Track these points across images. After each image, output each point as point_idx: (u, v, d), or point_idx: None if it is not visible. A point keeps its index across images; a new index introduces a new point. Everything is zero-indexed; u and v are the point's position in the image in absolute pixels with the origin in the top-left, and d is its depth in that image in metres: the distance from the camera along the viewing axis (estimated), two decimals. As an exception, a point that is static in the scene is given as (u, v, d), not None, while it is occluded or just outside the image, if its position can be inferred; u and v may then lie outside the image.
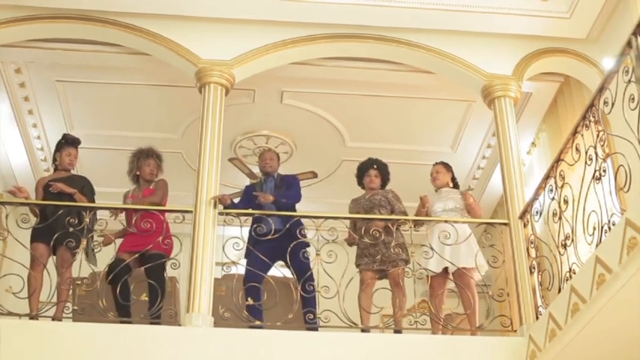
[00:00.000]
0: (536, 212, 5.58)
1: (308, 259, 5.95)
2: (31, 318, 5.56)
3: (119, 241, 6.17)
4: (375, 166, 6.56)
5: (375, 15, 6.64)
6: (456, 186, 6.64)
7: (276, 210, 6.21)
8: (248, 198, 6.44)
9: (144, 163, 6.41)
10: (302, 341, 5.44)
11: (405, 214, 6.27)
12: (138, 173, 6.42)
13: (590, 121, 4.66)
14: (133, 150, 6.56)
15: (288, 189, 6.49)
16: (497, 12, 6.65)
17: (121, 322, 5.65)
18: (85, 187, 6.22)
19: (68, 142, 6.43)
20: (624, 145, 4.12)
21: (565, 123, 7.07)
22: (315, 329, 5.73)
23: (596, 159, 4.49)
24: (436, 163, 6.69)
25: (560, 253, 5.04)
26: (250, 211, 6.22)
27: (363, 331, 5.77)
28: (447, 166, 6.65)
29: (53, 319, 5.59)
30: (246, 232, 6.04)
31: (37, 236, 5.93)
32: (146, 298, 5.79)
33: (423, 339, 5.64)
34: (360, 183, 6.63)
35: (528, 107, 7.62)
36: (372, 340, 5.67)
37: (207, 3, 6.57)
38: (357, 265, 6.20)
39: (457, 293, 6.17)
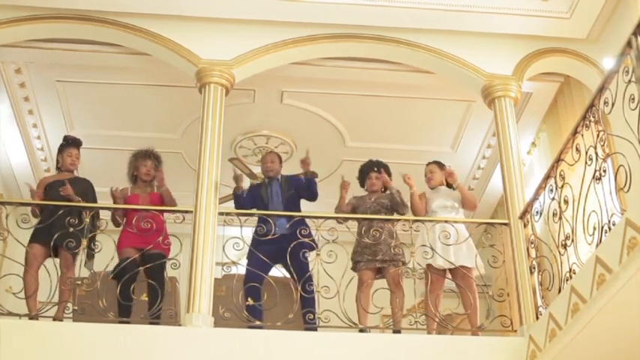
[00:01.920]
0: (537, 212, 5.58)
1: (307, 259, 5.94)
2: (31, 318, 5.56)
3: (116, 236, 6.14)
4: (376, 169, 6.56)
5: (375, 15, 6.64)
6: (450, 185, 6.64)
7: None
8: (253, 197, 6.43)
9: (141, 163, 6.42)
10: (302, 341, 5.44)
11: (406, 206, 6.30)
12: (135, 173, 6.43)
13: (590, 121, 4.65)
14: (133, 151, 6.57)
15: (299, 190, 6.47)
16: (497, 12, 6.65)
17: (121, 322, 5.65)
18: (87, 191, 6.19)
19: (69, 142, 6.44)
20: (624, 145, 4.12)
21: (565, 123, 7.07)
22: (315, 329, 5.72)
23: (596, 159, 4.49)
24: (429, 163, 6.66)
25: (560, 253, 5.04)
26: (252, 211, 6.22)
27: (362, 331, 5.77)
28: (441, 165, 6.63)
29: (54, 319, 5.59)
30: (245, 231, 6.02)
31: (35, 236, 5.92)
32: (146, 298, 5.79)
33: (423, 339, 5.64)
34: (362, 185, 6.62)
35: (528, 107, 7.61)
36: (372, 341, 5.66)
37: (207, 3, 6.57)
38: (355, 264, 6.17)
39: (457, 293, 6.17)
